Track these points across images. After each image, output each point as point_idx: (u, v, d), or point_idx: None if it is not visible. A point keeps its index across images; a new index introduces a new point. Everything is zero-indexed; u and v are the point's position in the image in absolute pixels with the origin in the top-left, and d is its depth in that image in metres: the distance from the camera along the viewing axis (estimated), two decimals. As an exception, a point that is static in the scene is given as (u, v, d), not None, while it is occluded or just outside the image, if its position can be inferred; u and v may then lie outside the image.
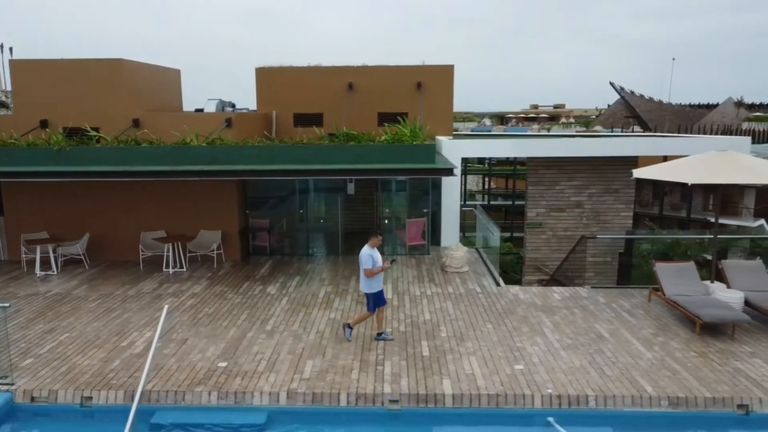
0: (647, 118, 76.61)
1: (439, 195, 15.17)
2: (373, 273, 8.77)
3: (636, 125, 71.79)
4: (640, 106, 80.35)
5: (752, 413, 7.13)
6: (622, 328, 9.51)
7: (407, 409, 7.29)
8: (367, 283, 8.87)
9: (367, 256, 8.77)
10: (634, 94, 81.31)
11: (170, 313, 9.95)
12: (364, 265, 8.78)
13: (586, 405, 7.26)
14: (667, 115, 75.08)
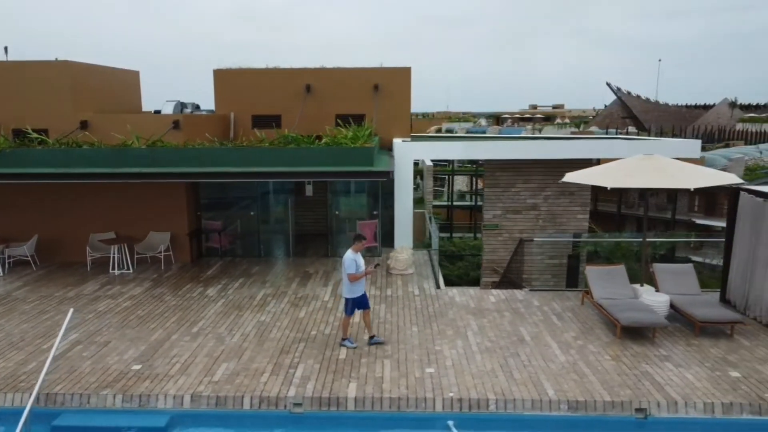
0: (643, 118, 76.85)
1: (392, 197, 15.21)
2: (357, 278, 8.67)
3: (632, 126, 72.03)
4: (636, 107, 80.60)
5: (650, 417, 7.19)
6: (545, 331, 9.56)
7: (310, 413, 7.34)
8: (349, 288, 8.78)
9: (350, 261, 8.67)
10: (630, 95, 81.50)
11: (75, 316, 9.92)
12: (347, 269, 8.67)
13: (487, 409, 7.31)
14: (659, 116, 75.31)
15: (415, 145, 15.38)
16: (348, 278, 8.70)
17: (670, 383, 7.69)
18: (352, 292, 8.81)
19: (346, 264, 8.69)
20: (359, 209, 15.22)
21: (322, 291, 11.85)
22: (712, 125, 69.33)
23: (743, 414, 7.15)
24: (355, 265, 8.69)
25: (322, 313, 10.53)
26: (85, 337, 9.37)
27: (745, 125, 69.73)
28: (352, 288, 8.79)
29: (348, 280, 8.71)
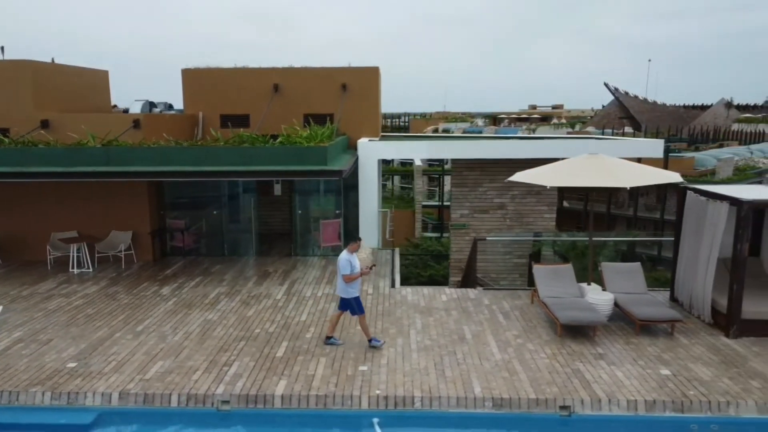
0: (640, 119, 76.95)
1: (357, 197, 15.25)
2: (352, 279, 8.57)
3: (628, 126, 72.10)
4: (633, 107, 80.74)
5: (574, 414, 7.22)
6: (488, 330, 9.59)
7: (237, 410, 7.37)
8: (344, 289, 8.66)
9: (345, 262, 8.58)
10: (628, 95, 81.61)
11: (3, 312, 9.94)
12: (342, 270, 8.57)
13: (412, 406, 7.34)
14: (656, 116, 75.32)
15: (379, 144, 15.41)
16: (343, 279, 8.59)
17: (599, 381, 7.72)
18: (347, 292, 8.66)
19: (341, 265, 8.58)
20: (323, 209, 15.25)
21: (276, 290, 11.88)
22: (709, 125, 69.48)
23: (666, 411, 7.18)
24: (350, 266, 8.54)
25: (271, 311, 10.55)
26: (28, 335, 9.38)
27: (741, 125, 69.92)
28: (347, 288, 8.64)
29: (342, 280, 8.61)
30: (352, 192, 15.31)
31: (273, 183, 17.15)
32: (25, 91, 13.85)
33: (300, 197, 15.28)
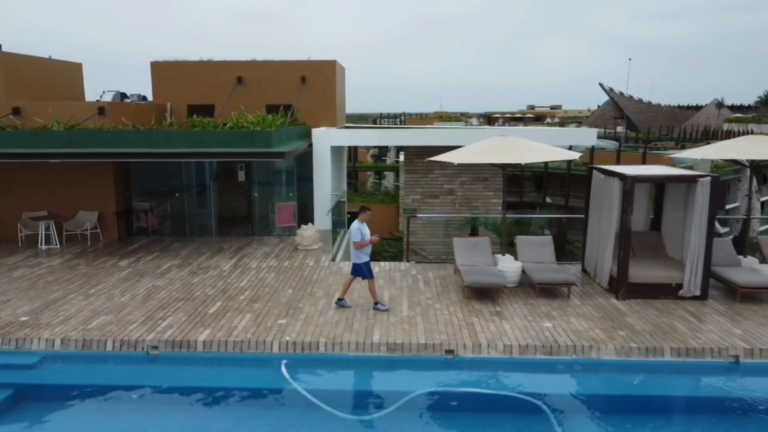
0: (635, 119, 77.77)
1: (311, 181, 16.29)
2: (362, 245, 9.45)
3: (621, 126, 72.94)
4: (628, 107, 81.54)
5: (457, 357, 8.26)
6: (405, 293, 10.64)
7: (164, 354, 8.40)
8: (356, 254, 9.57)
9: (356, 230, 9.47)
10: (623, 95, 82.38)
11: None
12: (353, 238, 9.46)
13: (317, 350, 8.38)
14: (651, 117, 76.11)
15: (332, 131, 16.44)
16: (354, 246, 9.53)
17: (485, 331, 8.77)
18: (359, 258, 9.57)
19: (353, 233, 9.52)
20: (279, 192, 16.26)
21: (225, 263, 12.91)
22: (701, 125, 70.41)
23: (536, 354, 8.23)
24: (360, 234, 9.44)
25: (214, 279, 11.59)
26: (-11, 296, 10.42)
27: (731, 125, 71.06)
28: (359, 254, 9.55)
29: (353, 246, 9.55)
30: (306, 177, 16.34)
31: (237, 169, 18.16)
32: (14, 83, 14.83)
33: (258, 181, 16.32)
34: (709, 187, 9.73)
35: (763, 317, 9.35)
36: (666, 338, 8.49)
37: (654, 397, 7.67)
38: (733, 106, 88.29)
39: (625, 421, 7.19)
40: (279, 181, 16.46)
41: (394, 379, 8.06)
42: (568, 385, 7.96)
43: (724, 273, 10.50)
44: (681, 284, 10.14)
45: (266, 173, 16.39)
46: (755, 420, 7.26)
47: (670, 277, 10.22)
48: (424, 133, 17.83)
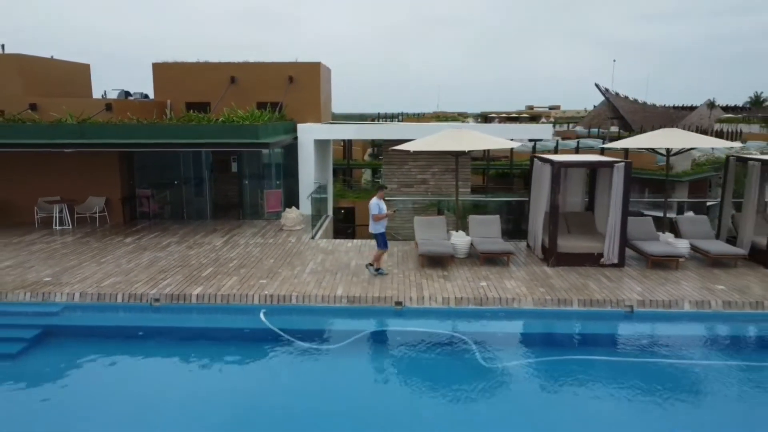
0: (630, 119, 79.16)
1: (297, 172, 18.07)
2: (379, 218, 11.22)
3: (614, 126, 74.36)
4: (623, 108, 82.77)
5: (405, 307, 10.05)
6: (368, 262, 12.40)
7: (165, 305, 10.18)
8: (374, 226, 11.34)
9: (374, 205, 11.27)
10: (618, 96, 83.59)
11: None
12: (372, 211, 11.24)
13: (290, 302, 10.16)
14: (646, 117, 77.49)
15: (315, 126, 18.21)
16: (372, 218, 11.31)
17: (429, 288, 10.56)
18: (377, 229, 11.34)
19: (372, 207, 11.32)
20: (267, 181, 18.05)
21: (217, 240, 14.68)
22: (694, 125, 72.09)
23: (469, 305, 10.03)
24: (378, 208, 11.25)
25: (208, 251, 13.37)
26: (15, 264, 12.18)
27: (722, 125, 72.80)
28: (376, 226, 11.33)
29: (372, 219, 11.32)
30: (293, 168, 18.12)
31: (231, 161, 19.92)
32: (16, 80, 16.62)
33: (249, 172, 18.11)
34: (623, 171, 11.53)
35: (664, 279, 11.16)
36: (577, 293, 10.29)
37: (559, 335, 9.48)
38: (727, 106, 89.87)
39: (533, 352, 8.98)
40: (268, 172, 18.25)
41: (350, 323, 9.85)
42: (491, 327, 9.73)
43: (641, 245, 12.30)
44: (602, 254, 11.94)
45: (257, 165, 18.18)
46: (641, 351, 9.04)
47: (593, 248, 12.02)
48: (395, 127, 19.66)
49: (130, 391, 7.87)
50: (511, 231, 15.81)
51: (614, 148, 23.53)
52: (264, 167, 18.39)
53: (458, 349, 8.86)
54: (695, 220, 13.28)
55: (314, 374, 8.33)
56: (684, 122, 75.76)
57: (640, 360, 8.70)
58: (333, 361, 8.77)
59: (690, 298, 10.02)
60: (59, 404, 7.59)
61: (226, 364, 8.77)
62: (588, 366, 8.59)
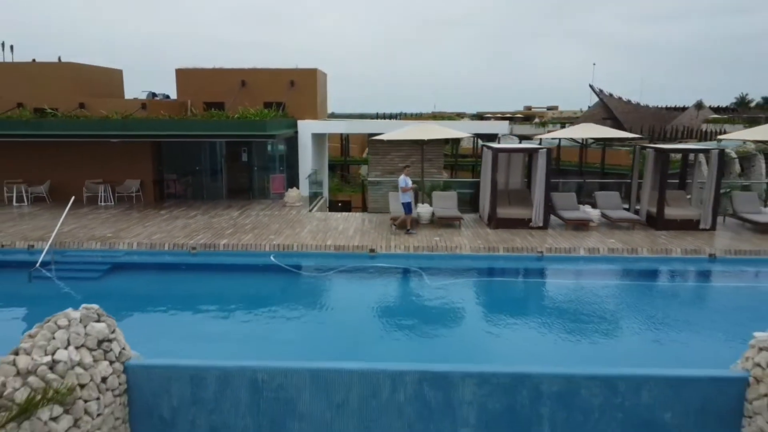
0: (623, 119, 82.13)
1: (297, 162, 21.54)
2: (406, 190, 14.75)
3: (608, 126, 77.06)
4: (617, 108, 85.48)
5: (377, 254, 13.50)
6: (353, 226, 15.88)
7: (200, 252, 13.64)
8: (403, 196, 14.85)
9: (402, 180, 14.87)
10: (612, 97, 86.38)
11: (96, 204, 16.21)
12: (401, 184, 14.85)
13: (292, 249, 13.63)
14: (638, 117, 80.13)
15: (311, 122, 21.69)
16: (401, 190, 14.83)
17: (396, 241, 14.04)
18: (404, 198, 14.84)
19: (400, 181, 14.88)
20: (272, 167, 21.52)
21: (234, 212, 18.15)
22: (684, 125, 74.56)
23: (424, 251, 13.50)
24: (405, 182, 14.78)
25: (227, 219, 16.84)
26: (80, 226, 15.65)
27: (709, 126, 75.98)
28: (404, 196, 14.82)
29: (401, 191, 14.82)
30: (293, 157, 21.59)
31: (241, 152, 23.38)
32: (68, 84, 20.08)
33: (257, 160, 21.59)
34: (545, 155, 15.01)
35: (573, 236, 14.64)
36: (504, 244, 13.77)
37: (483, 268, 12.99)
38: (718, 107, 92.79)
39: (463, 277, 12.46)
40: (273, 161, 21.72)
41: (335, 262, 13.31)
42: (437, 264, 13.18)
43: (562, 213, 15.78)
44: (531, 218, 15.41)
45: (263, 155, 21.66)
46: (541, 276, 12.50)
47: (525, 214, 15.49)
48: (381, 123, 23.07)
49: (175, 298, 11.37)
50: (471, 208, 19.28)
51: (548, 138, 26.94)
52: (269, 157, 21.87)
53: (412, 276, 12.37)
54: (608, 195, 16.77)
55: (307, 290, 11.86)
56: (675, 122, 78.62)
57: (537, 281, 12.23)
58: (321, 283, 12.31)
59: (585, 247, 13.52)
60: (126, 306, 11.03)
61: (245, 285, 12.28)
62: (501, 285, 12.13)
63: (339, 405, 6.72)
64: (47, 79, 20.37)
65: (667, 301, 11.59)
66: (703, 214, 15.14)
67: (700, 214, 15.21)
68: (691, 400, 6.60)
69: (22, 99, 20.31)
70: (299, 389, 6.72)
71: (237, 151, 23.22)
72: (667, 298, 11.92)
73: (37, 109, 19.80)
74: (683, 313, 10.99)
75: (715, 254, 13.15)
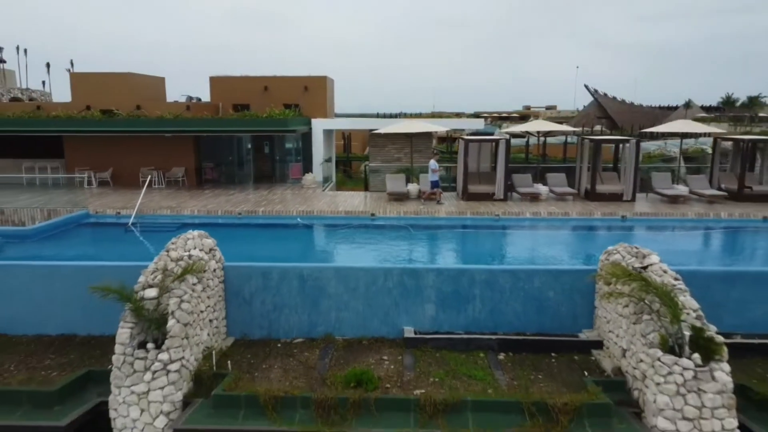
0: (618, 119, 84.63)
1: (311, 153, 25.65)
2: (435, 171, 18.98)
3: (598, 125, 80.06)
4: (611, 108, 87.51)
5: (377, 216, 17.59)
6: (357, 200, 19.97)
7: (245, 216, 17.73)
8: (432, 176, 19.09)
9: (432, 162, 19.16)
10: (606, 96, 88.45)
11: (152, 185, 20.39)
12: (431, 167, 19.09)
13: (313, 214, 17.75)
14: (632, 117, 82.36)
15: (322, 120, 25.81)
16: (431, 171, 18.99)
17: (391, 208, 18.12)
18: (433, 177, 19.07)
19: (431, 164, 19.15)
20: (291, 156, 25.64)
21: (263, 192, 22.26)
22: None
23: (410, 215, 17.60)
24: (434, 165, 19.03)
25: (258, 197, 20.94)
26: (147, 200, 19.75)
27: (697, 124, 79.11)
28: (433, 175, 19.05)
29: (431, 172, 18.98)
30: (307, 150, 25.70)
31: (264, 145, 27.50)
32: (126, 90, 24.19)
33: (277, 151, 25.71)
34: (504, 144, 19.10)
35: (524, 205, 18.72)
36: (471, 210, 17.87)
37: (455, 225, 17.13)
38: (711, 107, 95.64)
39: (436, 229, 16.57)
40: (290, 153, 25.84)
41: (345, 221, 17.42)
42: (420, 223, 17.28)
43: (520, 189, 19.89)
44: (494, 192, 19.52)
45: (282, 148, 25.76)
46: (493, 229, 16.63)
47: (490, 189, 19.60)
48: (379, 121, 27.16)
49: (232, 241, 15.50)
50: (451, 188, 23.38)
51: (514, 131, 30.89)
52: (286, 150, 25.97)
53: (400, 229, 16.53)
54: (556, 176, 20.89)
55: (325, 239, 16.05)
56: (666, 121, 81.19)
57: (491, 232, 16.46)
58: (334, 234, 16.52)
59: (531, 212, 17.64)
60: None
61: (278, 235, 16.44)
62: (463, 234, 16.36)
63: (353, 289, 10.79)
64: (109, 86, 24.49)
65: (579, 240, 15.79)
66: (626, 188, 19.27)
67: (624, 188, 19.34)
68: (565, 283, 10.67)
69: (90, 102, 24.42)
70: (328, 280, 10.79)
71: (261, 145, 27.37)
72: (582, 240, 16.11)
73: (102, 110, 23.90)
74: (585, 246, 15.21)
75: (626, 215, 17.28)
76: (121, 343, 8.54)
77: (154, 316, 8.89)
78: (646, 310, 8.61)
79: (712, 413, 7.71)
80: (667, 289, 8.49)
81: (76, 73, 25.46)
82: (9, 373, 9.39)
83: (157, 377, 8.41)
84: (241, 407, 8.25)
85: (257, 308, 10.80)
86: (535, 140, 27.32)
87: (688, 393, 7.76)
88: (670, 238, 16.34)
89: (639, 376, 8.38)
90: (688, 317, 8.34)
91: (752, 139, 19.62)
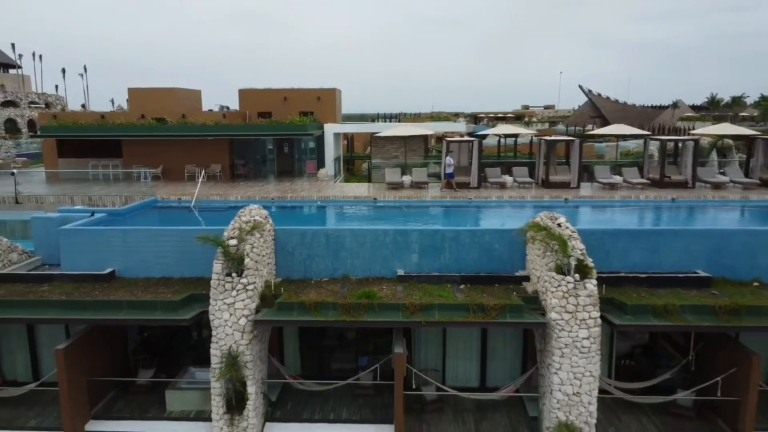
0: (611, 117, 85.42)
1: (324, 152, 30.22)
2: (450, 165, 23.33)
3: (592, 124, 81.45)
4: (605, 107, 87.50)
5: (378, 200, 22.14)
6: (363, 188, 24.52)
7: (276, 201, 22.29)
8: (447, 169, 23.48)
9: (448, 159, 23.44)
10: (600, 96, 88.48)
11: (202, 179, 24.94)
12: (447, 162, 23.43)
13: (330, 198, 22.29)
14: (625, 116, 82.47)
15: (333, 125, 30.37)
16: (446, 165, 23.40)
17: (389, 194, 22.67)
18: (447, 169, 23.50)
19: (447, 160, 23.51)
20: (308, 156, 30.24)
21: (287, 183, 26.81)
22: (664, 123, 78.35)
23: (404, 199, 22.15)
24: (449, 160, 23.40)
25: (284, 186, 25.48)
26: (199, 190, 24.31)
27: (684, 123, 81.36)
28: (448, 168, 23.48)
29: (446, 166, 23.39)
30: (320, 150, 30.26)
31: (284, 146, 32.04)
32: (172, 102, 28.75)
33: (296, 151, 30.31)
34: (477, 143, 23.63)
35: (492, 192, 23.24)
36: (450, 196, 22.39)
37: (438, 205, 21.66)
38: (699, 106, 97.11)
39: (424, 208, 21.14)
40: (306, 152, 30.42)
41: (354, 203, 21.96)
42: (414, 205, 21.82)
43: (489, 179, 24.42)
44: (470, 182, 24.04)
45: (299, 149, 30.33)
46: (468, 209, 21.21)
47: (467, 179, 24.12)
48: (380, 125, 31.73)
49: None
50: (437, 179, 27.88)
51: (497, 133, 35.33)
52: (303, 150, 30.55)
53: (397, 209, 21.10)
54: (520, 169, 25.40)
55: (337, 215, 20.61)
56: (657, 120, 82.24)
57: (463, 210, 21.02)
58: (345, 211, 21.05)
59: (495, 196, 22.17)
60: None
61: (303, 212, 21.02)
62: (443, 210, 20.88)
63: (361, 244, 15.30)
64: (158, 98, 29.07)
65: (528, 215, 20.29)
66: (572, 178, 23.81)
67: (571, 178, 23.88)
68: (507, 238, 15.16)
69: (143, 112, 28.99)
70: (345, 238, 15.28)
71: (282, 146, 31.94)
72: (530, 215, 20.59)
73: (156, 118, 28.48)
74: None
75: (568, 198, 21.82)
76: (217, 272, 13.07)
77: (235, 256, 13.42)
78: (549, 249, 13.14)
79: (584, 308, 12.23)
80: (563, 237, 13.00)
81: (133, 88, 30.06)
82: (141, 295, 13.96)
83: (239, 293, 12.93)
84: (294, 309, 12.79)
85: (297, 257, 15.28)
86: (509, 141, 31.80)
87: (570, 296, 12.26)
88: (596, 212, 20.87)
89: (542, 289, 12.92)
90: (575, 253, 12.86)
91: (673, 139, 24.13)
